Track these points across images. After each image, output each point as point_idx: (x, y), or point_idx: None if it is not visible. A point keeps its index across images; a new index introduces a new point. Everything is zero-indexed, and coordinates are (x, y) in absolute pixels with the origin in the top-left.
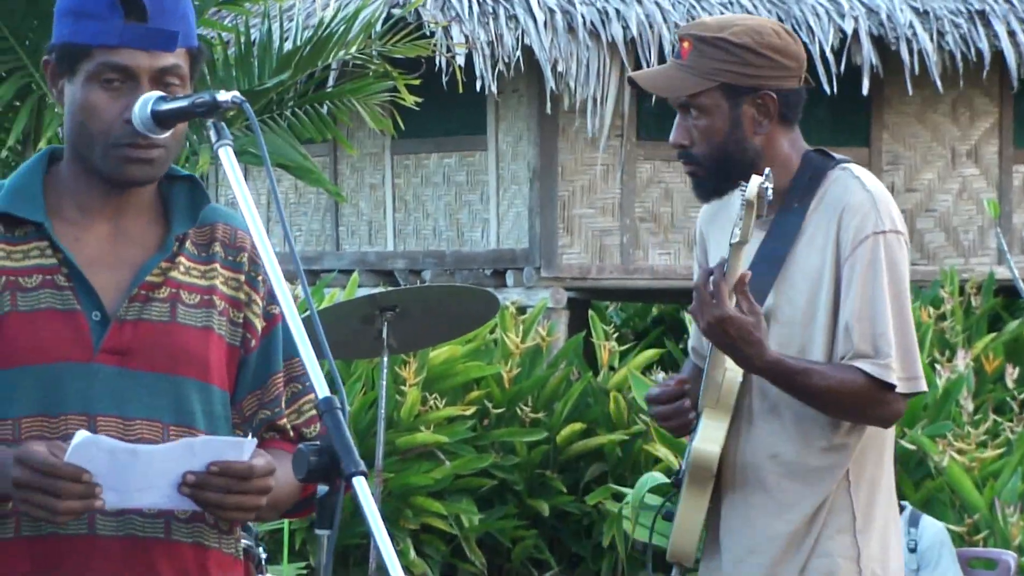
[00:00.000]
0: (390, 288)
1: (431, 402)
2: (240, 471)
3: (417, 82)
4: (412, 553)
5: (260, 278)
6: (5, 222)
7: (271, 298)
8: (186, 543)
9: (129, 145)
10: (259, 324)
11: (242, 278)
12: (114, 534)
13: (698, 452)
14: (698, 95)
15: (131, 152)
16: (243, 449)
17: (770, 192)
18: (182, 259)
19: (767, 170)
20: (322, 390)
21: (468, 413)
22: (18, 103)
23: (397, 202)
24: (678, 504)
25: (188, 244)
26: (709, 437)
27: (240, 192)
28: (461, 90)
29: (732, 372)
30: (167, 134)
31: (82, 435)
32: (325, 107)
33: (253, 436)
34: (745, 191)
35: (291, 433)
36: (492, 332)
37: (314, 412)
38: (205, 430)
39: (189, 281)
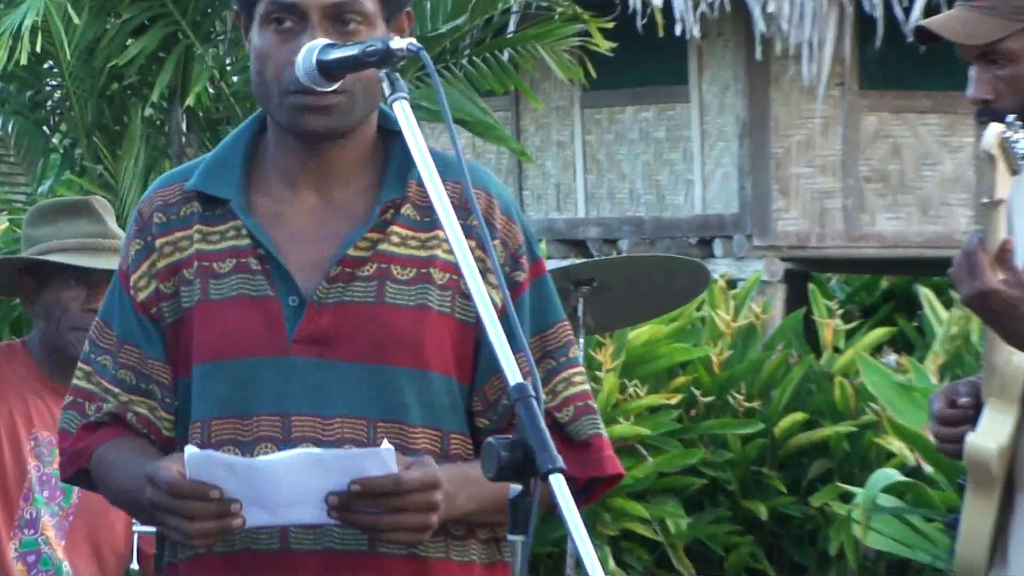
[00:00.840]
0: (584, 260)
1: (631, 389)
2: (384, 487)
3: (610, 25)
4: (611, 562)
5: (497, 241)
6: (204, 200)
7: (514, 263)
8: (398, 556)
9: (300, 91)
10: (496, 295)
11: (473, 244)
12: (311, 548)
13: (971, 447)
14: (1003, 40)
15: (303, 99)
16: (383, 459)
17: (1021, 143)
18: (396, 228)
19: (1009, 116)
20: (513, 376)
21: (673, 402)
22: (163, 54)
23: (588, 162)
24: (962, 508)
25: (406, 209)
26: (988, 431)
27: (417, 150)
28: (662, 34)
29: (1019, 357)
30: (334, 86)
31: (190, 451)
32: (506, 55)
33: (499, 424)
34: (983, 143)
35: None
36: (699, 309)
37: (572, 391)
38: (422, 424)
39: (404, 253)
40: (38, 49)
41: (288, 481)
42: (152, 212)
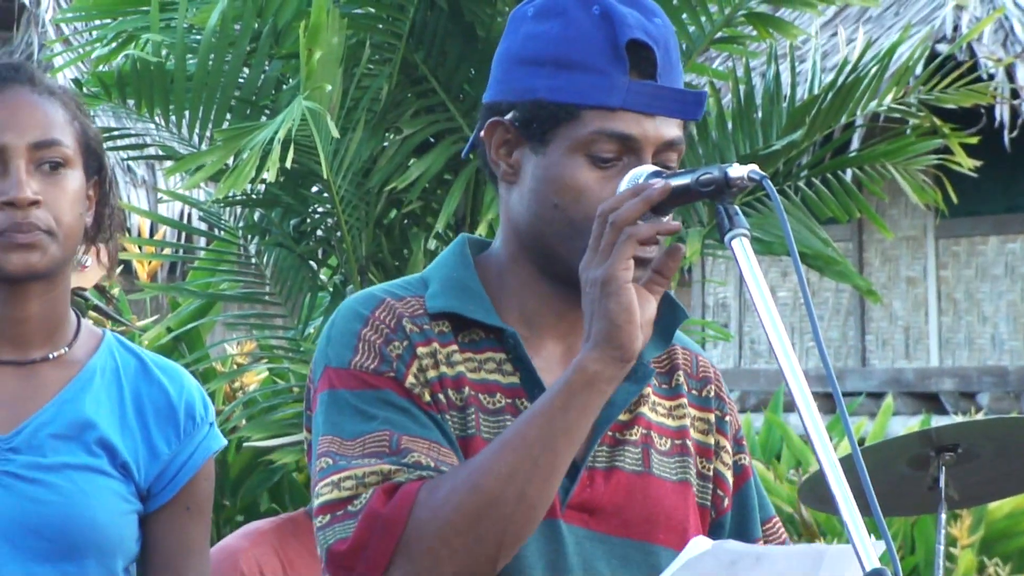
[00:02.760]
0: (942, 419)
1: (991, 569)
2: None
3: (975, 140)
4: None
5: (728, 418)
6: (449, 321)
7: (738, 446)
8: None
9: None
10: (730, 477)
11: (711, 418)
12: None
13: None
14: None
15: None
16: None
17: None
18: (648, 392)
19: None
20: (869, 559)
21: None
22: (449, 176)
23: (944, 302)
24: None
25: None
26: None
27: (760, 296)
28: None
29: None
30: (663, 220)
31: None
32: (848, 175)
33: None
34: None
35: None
36: None
37: None
38: None
39: (658, 420)
40: (288, 165)
41: None
42: (398, 318)
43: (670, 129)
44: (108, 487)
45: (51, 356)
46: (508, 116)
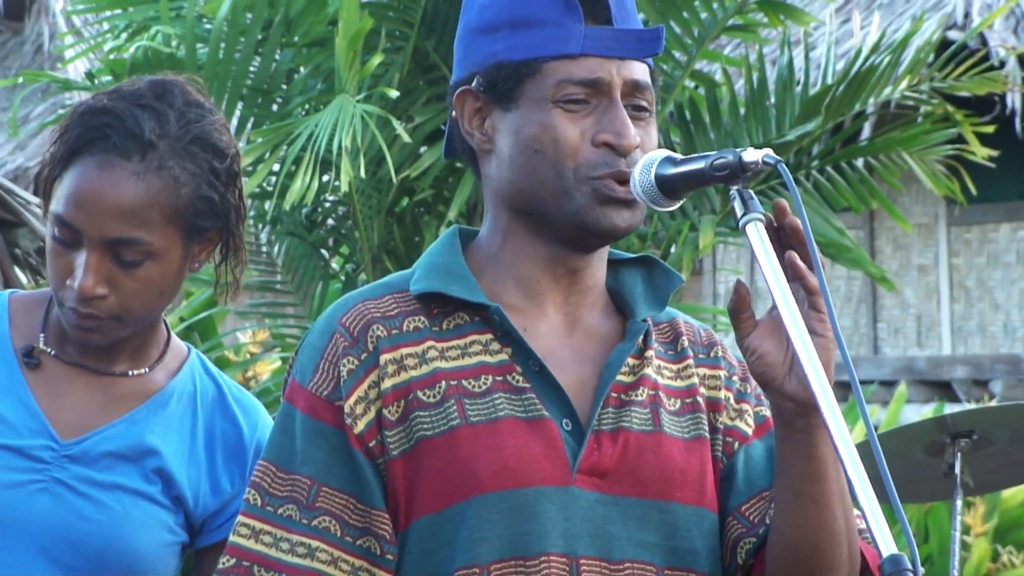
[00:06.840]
0: (954, 407)
1: (1004, 557)
2: None
3: (991, 129)
4: None
5: (734, 378)
6: (428, 312)
7: (757, 400)
8: None
9: (612, 177)
10: (747, 429)
11: (721, 375)
12: None
13: None
14: None
15: (613, 189)
16: None
17: None
18: (651, 354)
19: None
20: (886, 545)
21: None
22: (461, 164)
23: (955, 290)
24: None
25: (653, 339)
26: None
27: (776, 280)
28: None
29: None
30: (674, 206)
31: None
32: (860, 163)
33: (741, 568)
34: None
35: None
36: None
37: None
38: (709, 572)
39: (665, 382)
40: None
41: None
42: (366, 324)
43: (635, 71)
44: (155, 516)
45: (131, 373)
46: (473, 84)
